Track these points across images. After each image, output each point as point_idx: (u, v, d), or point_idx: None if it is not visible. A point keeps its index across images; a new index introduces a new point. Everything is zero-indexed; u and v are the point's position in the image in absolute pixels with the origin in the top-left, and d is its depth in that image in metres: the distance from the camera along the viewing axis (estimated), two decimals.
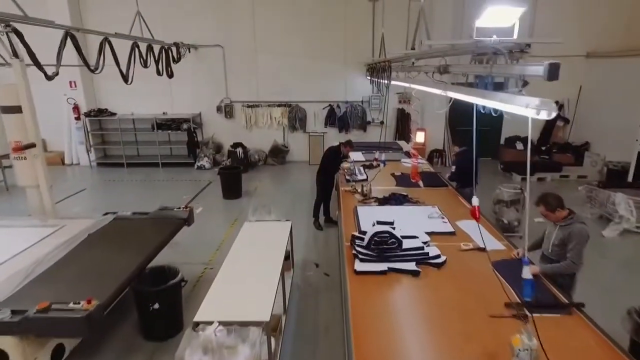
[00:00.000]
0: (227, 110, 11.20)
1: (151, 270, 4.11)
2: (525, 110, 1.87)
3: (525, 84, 2.06)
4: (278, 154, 11.24)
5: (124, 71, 6.76)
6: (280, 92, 11.10)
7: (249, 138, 11.35)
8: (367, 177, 6.48)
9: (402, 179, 6.39)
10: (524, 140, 11.03)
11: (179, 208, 4.99)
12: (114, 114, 11.20)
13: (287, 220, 4.92)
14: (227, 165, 10.02)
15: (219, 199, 8.39)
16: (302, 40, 10.73)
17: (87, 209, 7.86)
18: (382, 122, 11.23)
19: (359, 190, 5.67)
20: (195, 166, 10.86)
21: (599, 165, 9.59)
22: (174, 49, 9.30)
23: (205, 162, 10.80)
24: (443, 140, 11.08)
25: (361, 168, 6.97)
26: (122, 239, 4.39)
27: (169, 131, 11.00)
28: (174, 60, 9.20)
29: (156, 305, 3.77)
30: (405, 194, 5.58)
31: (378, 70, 7.47)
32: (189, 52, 10.54)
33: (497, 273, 3.31)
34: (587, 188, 7.18)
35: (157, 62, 8.32)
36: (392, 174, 6.65)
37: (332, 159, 6.48)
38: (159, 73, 8.40)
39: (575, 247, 3.31)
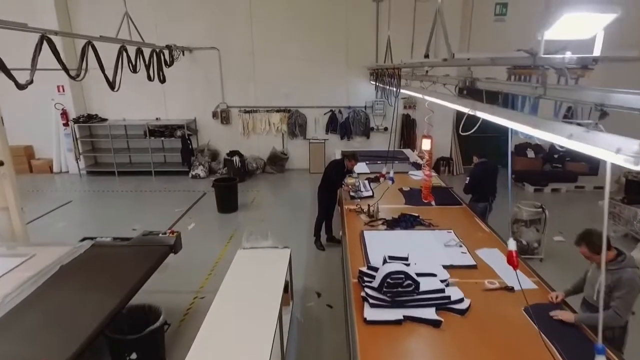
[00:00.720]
0: (223, 116, 10.67)
1: (129, 310, 3.58)
2: (613, 156, 1.34)
3: (603, 114, 1.54)
4: (277, 161, 10.72)
5: (111, 77, 6.23)
6: (279, 96, 10.58)
7: (246, 145, 10.83)
8: (373, 192, 5.96)
9: (412, 196, 5.87)
10: (536, 148, 10.52)
11: (164, 233, 4.45)
12: (104, 120, 10.68)
13: (285, 247, 4.38)
14: (222, 175, 9.50)
15: (213, 213, 7.86)
16: (302, 42, 10.21)
17: (70, 225, 7.34)
18: (386, 129, 10.71)
19: (365, 210, 5.15)
20: (190, 175, 10.33)
21: (616, 175, 9.07)
22: (166, 52, 8.77)
23: (200, 170, 10.27)
24: (450, 148, 10.56)
25: (366, 182, 6.45)
26: (98, 273, 3.86)
27: (162, 138, 10.47)
28: (166, 64, 8.67)
29: (133, 356, 3.24)
30: (416, 214, 5.06)
31: (384, 75, 6.95)
32: (183, 55, 10.01)
33: (533, 322, 2.80)
34: (611, 203, 6.66)
35: (147, 67, 7.78)
36: (400, 189, 6.13)
37: (335, 174, 5.96)
38: (149, 78, 7.87)
39: (625, 297, 2.77)
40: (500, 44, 9.80)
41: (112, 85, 6.56)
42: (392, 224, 4.85)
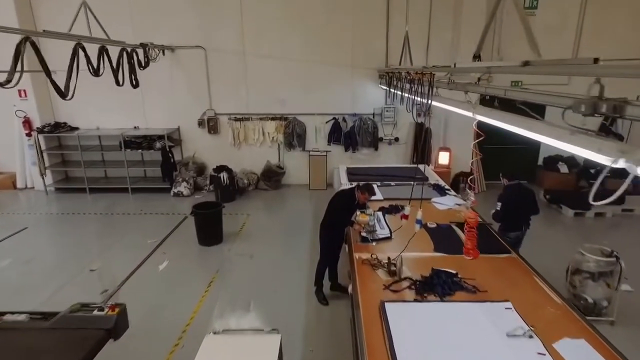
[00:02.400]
0: (210, 125, 9.33)
1: None
2: None
3: None
4: (272, 176, 9.38)
5: (77, 78, 5.01)
6: (275, 102, 9.24)
7: (237, 158, 9.49)
8: (391, 232, 4.62)
9: (440, 236, 4.54)
10: (568, 160, 9.18)
11: (103, 309, 3.10)
12: (74, 129, 9.34)
13: (273, 330, 3.04)
14: (208, 191, 8.14)
15: (193, 245, 6.52)
16: (301, 40, 8.87)
17: (15, 263, 6.00)
18: (397, 139, 9.38)
19: (385, 265, 3.82)
20: (172, 192, 8.99)
21: None
22: (140, 51, 7.42)
23: (183, 187, 8.93)
24: (471, 162, 9.20)
25: (380, 216, 5.11)
26: None
27: (140, 150, 9.12)
28: (140, 66, 7.33)
29: None
30: (452, 270, 3.73)
31: (399, 79, 5.61)
32: (163, 54, 8.68)
33: None
34: None
35: (115, 69, 6.45)
36: (425, 226, 4.78)
37: (343, 208, 4.62)
38: (117, 83, 6.52)
39: None
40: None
41: (62, 92, 5.25)
42: (423, 287, 3.52)
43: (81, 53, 5.40)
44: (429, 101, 3.76)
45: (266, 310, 4.80)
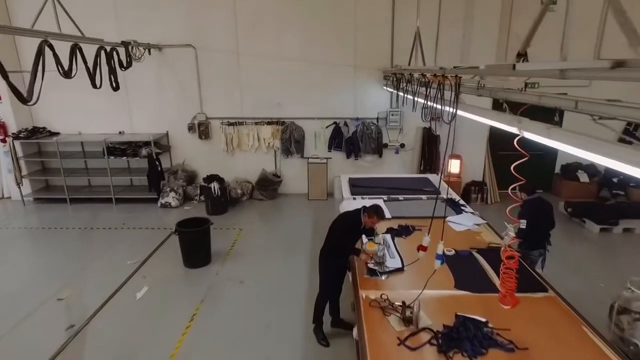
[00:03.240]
0: (201, 130, 8.63)
1: None
2: None
3: None
4: (268, 186, 8.68)
5: (44, 80, 4.32)
6: (271, 105, 8.54)
7: (230, 165, 8.80)
8: (403, 264, 3.92)
9: (462, 267, 3.86)
10: (588, 169, 8.49)
11: None
12: (54, 135, 8.65)
13: None
14: (197, 203, 7.45)
15: (177, 267, 5.82)
16: (299, 38, 8.17)
17: None
18: (403, 146, 8.68)
19: (398, 309, 3.13)
20: (159, 203, 8.29)
21: None
22: (121, 50, 6.73)
23: (171, 198, 8.23)
24: (483, 170, 8.51)
25: (389, 240, 4.41)
26: None
27: (125, 157, 8.42)
28: (121, 66, 6.64)
29: None
30: (482, 319, 3.04)
31: (408, 82, 4.91)
32: (149, 54, 7.98)
33: None
34: None
35: (92, 70, 5.75)
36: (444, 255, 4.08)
37: (346, 234, 3.92)
38: (94, 85, 5.82)
39: None
40: (546, 38, 7.81)
41: (22, 97, 4.56)
42: (447, 342, 2.82)
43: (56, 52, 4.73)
44: (453, 109, 3.06)
45: (256, 350, 4.15)
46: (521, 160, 2.67)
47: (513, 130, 2.39)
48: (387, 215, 5.18)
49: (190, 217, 6.07)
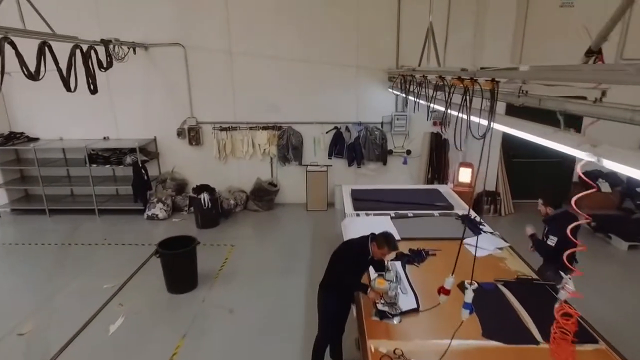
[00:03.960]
0: (192, 135, 8.00)
1: None
2: None
3: None
4: (263, 196, 8.05)
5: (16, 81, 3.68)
6: (267, 109, 7.92)
7: (223, 173, 8.18)
8: (419, 302, 3.29)
9: (488, 308, 3.21)
10: (609, 177, 7.86)
11: None
12: (34, 140, 8.02)
13: None
14: (186, 215, 6.82)
15: (159, 291, 5.20)
16: (297, 36, 7.54)
17: None
18: (409, 152, 8.05)
19: None
20: (145, 215, 7.66)
21: None
22: (100, 49, 6.10)
23: (158, 209, 7.60)
24: (497, 179, 7.88)
25: (400, 270, 3.78)
26: None
27: (109, 165, 7.79)
28: (101, 67, 6.01)
29: None
30: None
31: (425, 86, 4.27)
32: (134, 53, 7.35)
33: None
34: None
35: (67, 71, 5.13)
36: (461, 285, 3.47)
37: (352, 265, 3.30)
38: (67, 88, 5.19)
39: None
40: (564, 35, 7.17)
41: None
42: None
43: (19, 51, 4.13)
44: (490, 123, 2.44)
45: None
46: (588, 191, 2.05)
47: (582, 155, 1.76)
48: (395, 236, 4.57)
49: (174, 236, 5.43)
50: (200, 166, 8.18)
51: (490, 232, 4.78)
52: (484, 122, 2.79)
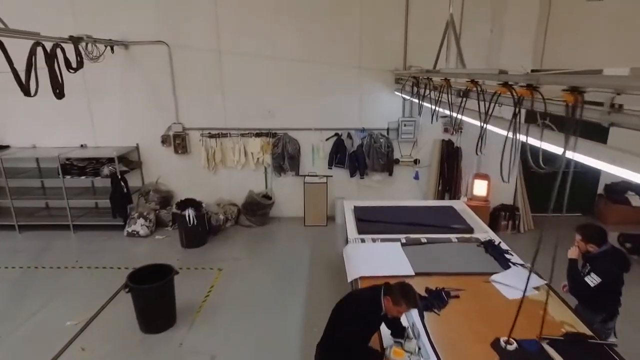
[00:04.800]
0: (177, 143, 7.25)
1: None
2: None
3: None
4: (256, 210, 7.29)
5: None
6: (260, 114, 7.16)
7: (212, 184, 7.44)
8: None
9: None
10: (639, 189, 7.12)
11: None
12: (4, 148, 7.27)
13: None
14: (173, 231, 6.07)
15: (132, 330, 4.43)
16: (293, 35, 6.80)
17: None
18: (417, 162, 7.30)
19: None
20: (125, 232, 6.91)
21: None
22: (68, 46, 5.34)
23: (139, 226, 6.85)
24: (515, 192, 7.12)
25: (421, 328, 3.02)
26: None
27: (85, 177, 7.04)
28: (69, 67, 5.27)
29: None
30: None
31: (446, 91, 3.51)
32: (112, 51, 6.61)
33: None
34: None
35: (26, 73, 4.40)
36: (495, 346, 2.74)
37: (359, 326, 2.55)
38: (26, 92, 4.45)
39: None
40: (593, 31, 6.44)
41: None
42: None
43: None
44: (566, 150, 1.69)
45: None
46: None
47: None
48: (408, 270, 3.82)
49: (149, 265, 4.66)
50: (187, 177, 7.43)
51: (521, 265, 4.02)
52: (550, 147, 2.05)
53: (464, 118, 3.05)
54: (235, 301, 5.02)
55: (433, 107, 3.79)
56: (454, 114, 3.30)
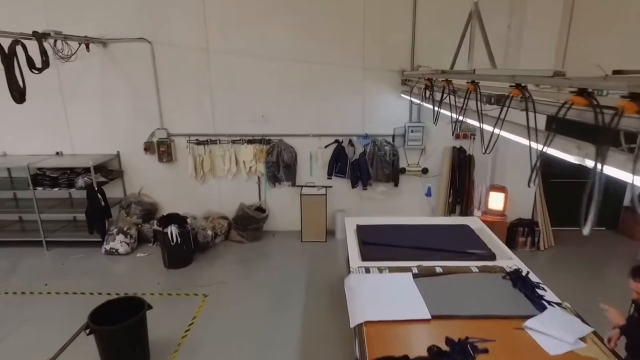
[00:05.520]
0: (162, 150, 6.60)
1: None
2: None
3: None
4: (248, 224, 6.63)
5: None
6: (253, 119, 6.51)
7: (200, 195, 6.80)
8: None
9: None
10: None
11: None
12: None
13: None
14: (156, 248, 5.42)
15: None
16: (291, 33, 6.14)
17: None
18: (425, 171, 6.64)
19: None
20: (103, 249, 6.26)
21: None
22: (31, 43, 4.68)
23: (119, 243, 6.19)
24: (534, 205, 6.45)
25: None
26: None
27: (57, 189, 6.39)
28: (32, 68, 4.61)
29: None
30: None
31: (478, 98, 2.85)
32: (88, 50, 5.95)
33: None
34: None
35: None
36: None
37: None
38: None
39: None
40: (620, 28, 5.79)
41: None
42: None
43: None
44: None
45: None
46: None
47: None
48: (423, 314, 3.16)
49: (117, 297, 4.01)
50: (172, 187, 6.79)
51: (557, 304, 3.35)
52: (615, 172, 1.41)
53: (505, 134, 2.38)
54: (219, 337, 4.35)
55: (454, 115, 3.12)
56: (484, 126, 2.64)
